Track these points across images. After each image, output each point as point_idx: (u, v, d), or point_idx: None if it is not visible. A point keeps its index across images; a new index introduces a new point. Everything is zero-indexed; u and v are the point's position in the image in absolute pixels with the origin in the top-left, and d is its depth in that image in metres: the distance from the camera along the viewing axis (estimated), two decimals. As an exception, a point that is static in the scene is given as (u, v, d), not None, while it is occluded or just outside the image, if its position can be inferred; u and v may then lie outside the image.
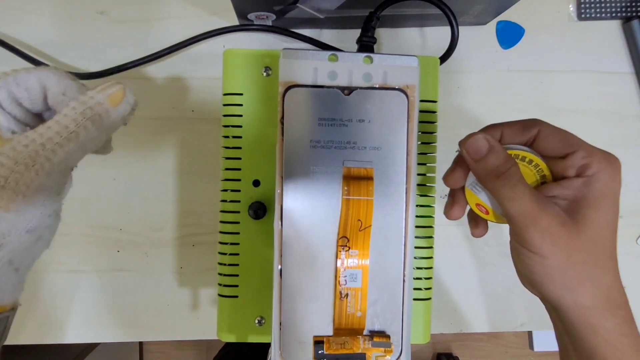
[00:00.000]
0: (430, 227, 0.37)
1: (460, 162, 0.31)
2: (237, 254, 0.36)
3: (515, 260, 0.30)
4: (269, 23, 0.43)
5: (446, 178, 0.32)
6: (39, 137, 0.25)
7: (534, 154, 0.30)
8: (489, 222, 0.33)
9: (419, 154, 0.36)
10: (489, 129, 0.31)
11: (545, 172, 0.30)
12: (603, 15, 0.47)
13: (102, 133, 0.27)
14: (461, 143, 0.29)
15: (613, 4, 0.46)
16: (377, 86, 0.30)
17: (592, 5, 0.46)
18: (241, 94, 0.36)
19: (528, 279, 0.30)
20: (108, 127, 0.27)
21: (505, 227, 0.31)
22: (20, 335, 0.44)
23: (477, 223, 0.34)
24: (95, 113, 0.26)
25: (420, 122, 0.34)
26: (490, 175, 0.28)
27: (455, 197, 0.33)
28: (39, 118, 0.29)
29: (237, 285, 0.36)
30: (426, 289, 0.37)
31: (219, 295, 0.36)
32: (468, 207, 0.33)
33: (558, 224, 0.28)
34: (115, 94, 0.26)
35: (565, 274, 0.28)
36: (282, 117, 0.30)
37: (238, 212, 0.36)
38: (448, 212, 0.33)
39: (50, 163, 0.25)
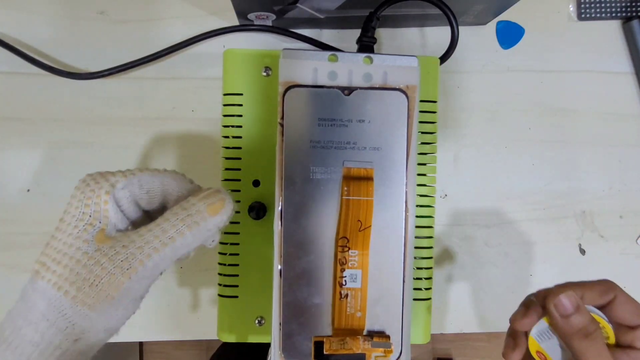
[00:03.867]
0: (430, 227, 0.37)
1: (532, 308, 0.32)
2: (237, 254, 0.36)
3: None
4: (269, 23, 0.43)
5: (516, 321, 0.32)
6: (138, 239, 0.25)
7: (606, 320, 0.31)
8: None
9: (419, 154, 0.36)
10: (570, 287, 0.31)
11: (610, 337, 0.31)
12: (603, 15, 0.47)
13: (196, 240, 0.27)
14: (546, 296, 0.30)
15: (613, 4, 0.46)
16: (377, 86, 0.30)
17: (592, 5, 0.46)
18: (241, 94, 0.36)
19: None
20: (204, 234, 0.27)
21: (505, 226, 0.31)
22: (20, 335, 0.44)
23: (514, 349, 0.34)
24: (194, 221, 0.26)
25: (420, 122, 0.34)
26: (577, 334, 0.29)
27: (518, 340, 0.33)
28: (147, 214, 0.29)
29: (237, 285, 0.36)
30: (426, 289, 0.37)
31: (219, 295, 0.36)
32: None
33: None
34: (215, 204, 0.27)
35: None
36: (282, 118, 0.30)
37: (238, 212, 0.36)
38: (508, 354, 0.33)
39: (144, 267, 0.25)
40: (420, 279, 0.36)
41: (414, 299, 0.36)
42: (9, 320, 0.25)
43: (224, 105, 0.36)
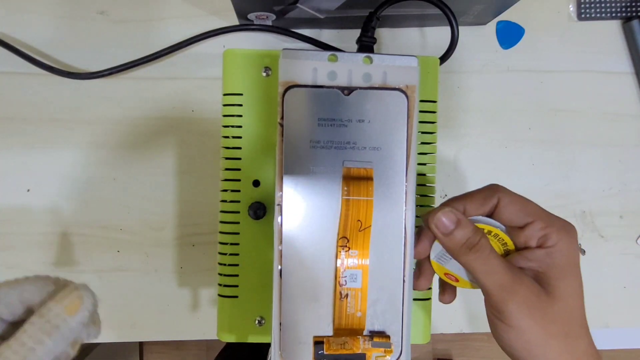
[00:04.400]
0: (430, 227, 0.37)
1: (423, 234, 0.31)
2: (237, 254, 0.36)
3: (494, 332, 0.31)
4: (269, 23, 0.43)
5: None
6: None
7: (496, 226, 0.30)
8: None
9: (419, 154, 0.36)
10: (451, 202, 0.31)
11: (508, 243, 0.30)
12: (603, 15, 0.47)
13: (62, 342, 0.27)
14: (427, 218, 0.30)
15: (613, 4, 0.46)
16: (377, 86, 0.30)
17: (592, 5, 0.46)
18: (241, 94, 0.36)
19: (507, 352, 0.30)
20: (66, 337, 0.27)
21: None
22: (20, 335, 0.44)
23: (445, 289, 0.34)
24: (53, 325, 0.26)
25: (420, 122, 0.34)
26: (461, 248, 0.29)
27: (422, 268, 0.33)
28: (15, 325, 0.29)
29: (237, 286, 0.36)
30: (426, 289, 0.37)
31: (219, 295, 0.36)
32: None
33: (533, 295, 0.28)
34: (72, 303, 0.27)
35: (544, 348, 0.28)
36: (282, 118, 0.30)
37: (238, 212, 0.36)
38: (415, 283, 0.33)
39: None
40: (420, 279, 0.36)
41: (414, 299, 0.36)
42: None
43: (224, 105, 0.36)
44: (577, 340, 0.29)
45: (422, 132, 0.37)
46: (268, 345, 0.32)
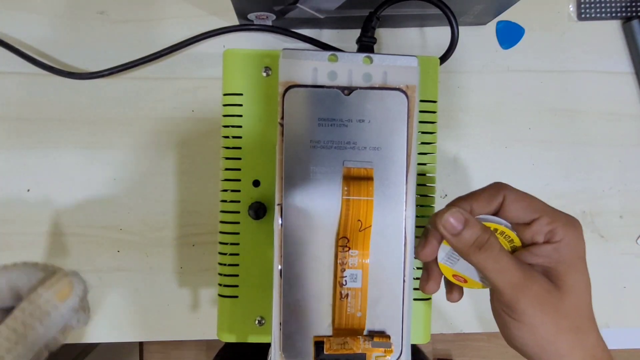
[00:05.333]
0: (430, 227, 0.37)
1: (430, 236, 0.31)
2: (237, 254, 0.36)
3: (503, 330, 0.31)
4: (269, 23, 0.43)
5: (418, 253, 0.32)
6: None
7: (502, 223, 0.30)
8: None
9: (419, 154, 0.36)
10: (458, 202, 0.31)
11: (515, 240, 0.30)
12: (603, 15, 0.47)
13: (53, 328, 0.27)
14: (435, 219, 0.30)
15: (613, 4, 0.46)
16: (377, 86, 0.30)
17: (592, 5, 0.46)
18: (241, 94, 0.36)
19: (518, 348, 0.31)
20: (59, 321, 0.27)
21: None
22: (20, 335, 0.44)
23: (452, 289, 0.34)
24: (44, 311, 0.26)
25: (420, 122, 0.34)
26: (471, 248, 0.29)
27: (430, 270, 0.33)
28: (5, 311, 0.29)
29: (237, 286, 0.36)
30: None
31: (219, 295, 0.36)
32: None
33: (544, 291, 0.29)
34: (62, 289, 0.27)
35: (556, 343, 0.29)
36: (282, 117, 0.30)
37: (238, 212, 0.36)
38: (424, 287, 0.33)
39: None
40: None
41: (414, 299, 0.36)
42: None
43: (224, 105, 0.36)
44: (587, 333, 0.29)
45: (422, 132, 0.37)
46: (268, 345, 0.32)
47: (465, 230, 0.29)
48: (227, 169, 0.36)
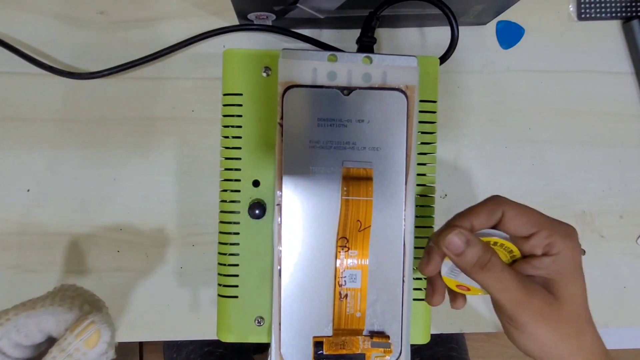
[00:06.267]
0: (430, 227, 0.37)
1: (433, 253, 0.32)
2: (237, 254, 0.36)
3: (507, 335, 0.32)
4: (269, 23, 0.43)
5: (422, 269, 0.32)
6: None
7: (501, 236, 0.31)
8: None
9: (418, 154, 0.36)
10: (458, 220, 0.31)
11: (514, 251, 0.31)
12: (603, 15, 0.47)
13: None
14: (438, 240, 0.30)
15: (613, 4, 0.46)
16: (376, 86, 0.30)
17: (592, 5, 0.46)
18: (241, 94, 0.36)
19: (522, 351, 0.32)
20: None
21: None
22: (20, 335, 0.44)
23: (456, 297, 0.35)
24: (74, 359, 0.28)
25: (420, 122, 0.34)
26: (474, 268, 0.29)
27: (434, 284, 0.33)
28: (46, 343, 0.30)
29: (237, 286, 0.36)
30: (426, 289, 0.37)
31: (219, 295, 0.36)
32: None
33: (546, 305, 0.30)
34: (91, 337, 0.28)
35: (558, 349, 0.31)
36: (282, 118, 0.30)
37: (238, 212, 0.36)
38: (430, 301, 0.34)
39: None
40: (420, 279, 0.36)
41: (414, 299, 0.36)
42: None
43: (224, 105, 0.36)
44: (585, 335, 0.31)
45: (422, 132, 0.37)
46: (268, 345, 0.32)
47: (467, 250, 0.29)
48: (227, 169, 0.36)
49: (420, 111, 0.35)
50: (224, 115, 0.36)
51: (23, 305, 0.29)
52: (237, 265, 0.36)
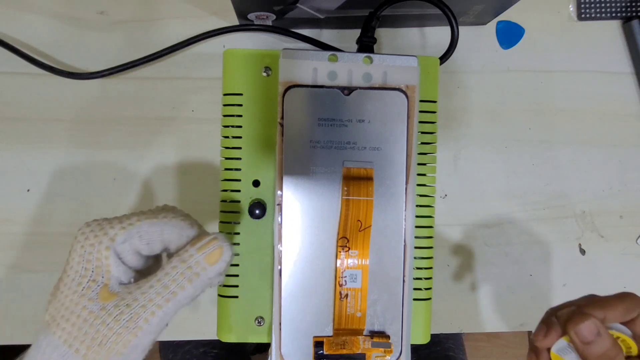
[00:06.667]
0: (430, 227, 0.37)
1: (553, 328, 0.32)
2: (237, 254, 0.36)
3: None
4: (269, 23, 0.43)
5: (539, 341, 0.32)
6: (141, 297, 0.26)
7: (626, 333, 0.31)
8: None
9: (419, 154, 0.36)
10: (592, 308, 0.31)
11: (632, 348, 0.31)
12: (603, 15, 0.47)
13: (198, 289, 0.28)
14: (567, 323, 0.30)
15: (613, 4, 0.46)
16: (377, 86, 0.30)
17: (592, 5, 0.46)
18: (241, 94, 0.36)
19: None
20: (205, 283, 0.28)
21: (505, 226, 0.31)
22: (19, 335, 0.44)
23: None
24: (194, 272, 0.27)
25: (420, 122, 0.34)
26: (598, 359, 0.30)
27: (540, 355, 0.33)
28: (150, 259, 0.30)
29: (237, 285, 0.36)
30: (426, 289, 0.37)
31: (219, 295, 0.36)
32: None
33: None
34: (213, 253, 0.28)
35: None
36: (282, 117, 0.30)
37: (238, 212, 0.36)
38: None
39: (149, 324, 0.26)
40: (420, 279, 0.36)
41: (414, 299, 0.36)
42: None
43: (224, 105, 0.36)
44: None
45: (422, 132, 0.37)
46: (268, 345, 0.32)
47: (596, 342, 0.29)
48: (227, 169, 0.36)
49: (421, 111, 0.35)
50: (224, 115, 0.36)
51: (143, 213, 0.28)
52: (237, 265, 0.36)
